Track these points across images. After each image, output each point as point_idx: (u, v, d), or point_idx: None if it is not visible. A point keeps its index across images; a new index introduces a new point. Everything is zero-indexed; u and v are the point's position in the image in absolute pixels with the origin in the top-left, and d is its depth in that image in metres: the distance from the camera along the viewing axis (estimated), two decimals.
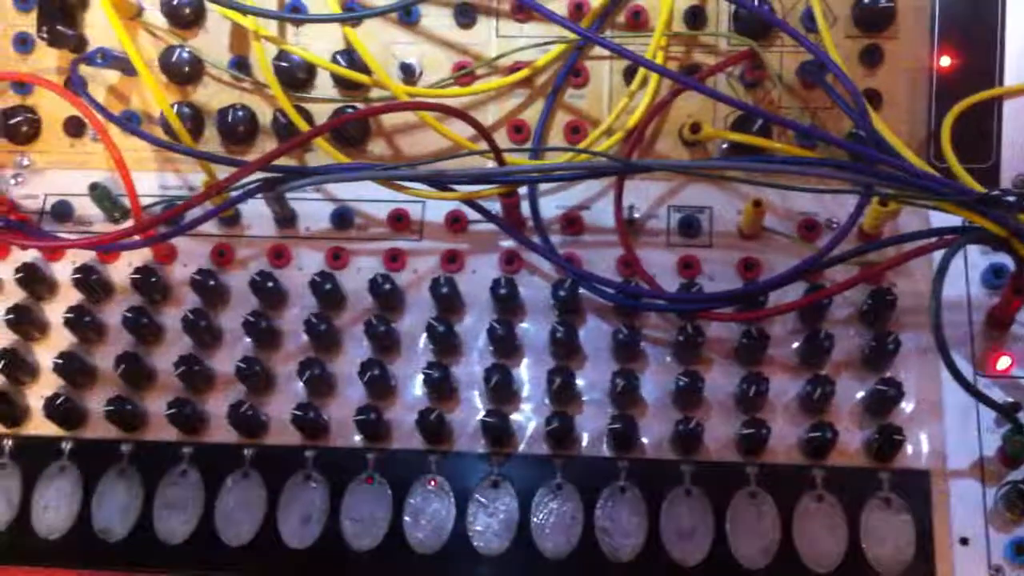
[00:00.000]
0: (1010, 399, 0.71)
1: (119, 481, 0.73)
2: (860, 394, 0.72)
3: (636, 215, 0.77)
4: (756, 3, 0.77)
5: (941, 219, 0.73)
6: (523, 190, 0.77)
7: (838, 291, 0.70)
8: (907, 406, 0.72)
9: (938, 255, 0.68)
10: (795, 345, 0.73)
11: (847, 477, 0.70)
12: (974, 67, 0.78)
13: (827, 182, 0.72)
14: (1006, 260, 0.71)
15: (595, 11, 0.80)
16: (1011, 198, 0.66)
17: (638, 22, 0.80)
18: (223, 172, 0.77)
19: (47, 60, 0.84)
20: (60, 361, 0.74)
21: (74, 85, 0.80)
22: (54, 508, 0.73)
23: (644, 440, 0.72)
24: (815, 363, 0.72)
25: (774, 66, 0.79)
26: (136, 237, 0.73)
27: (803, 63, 0.78)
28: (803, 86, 0.79)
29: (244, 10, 0.78)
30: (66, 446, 0.75)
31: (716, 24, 0.80)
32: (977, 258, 0.75)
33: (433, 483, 0.71)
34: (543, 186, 0.79)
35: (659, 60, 0.79)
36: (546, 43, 0.81)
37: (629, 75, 0.80)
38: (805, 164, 0.72)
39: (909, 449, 0.71)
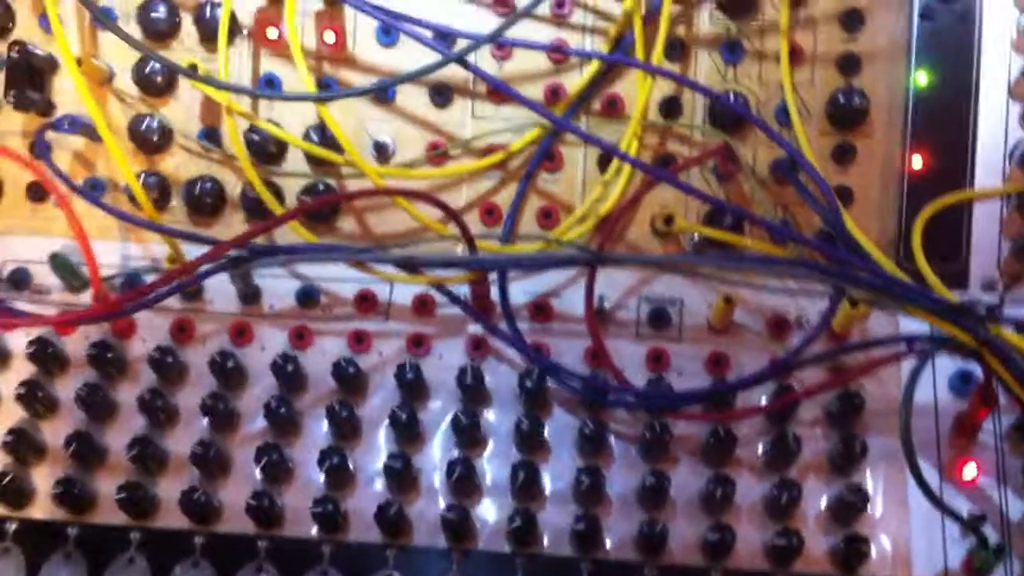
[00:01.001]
0: (976, 509, 0.70)
1: (64, 567, 0.71)
2: (826, 498, 0.71)
3: (606, 305, 0.77)
4: (731, 98, 0.77)
5: (911, 320, 0.73)
6: (493, 274, 0.76)
7: (808, 395, 0.69)
8: (874, 511, 0.71)
9: (908, 363, 0.68)
10: (761, 446, 0.73)
11: None
12: (945, 168, 0.78)
13: (801, 282, 0.71)
14: (974, 367, 0.71)
15: (571, 97, 0.80)
16: (982, 310, 0.66)
17: (614, 109, 0.80)
18: (187, 245, 0.76)
19: (13, 122, 0.82)
20: (9, 438, 0.72)
21: (38, 151, 0.78)
22: None
23: (608, 540, 0.71)
24: (782, 465, 0.72)
25: (747, 160, 0.79)
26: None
27: (776, 159, 0.78)
28: (776, 181, 0.79)
29: (217, 85, 0.77)
30: (10, 527, 0.72)
31: (691, 115, 0.80)
32: (946, 362, 0.74)
33: None
34: (512, 272, 0.78)
35: (633, 149, 0.78)
36: (521, 126, 0.80)
37: (603, 162, 0.80)
38: (777, 263, 0.71)
39: (874, 557, 0.70)
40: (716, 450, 0.71)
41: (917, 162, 0.78)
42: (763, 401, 0.72)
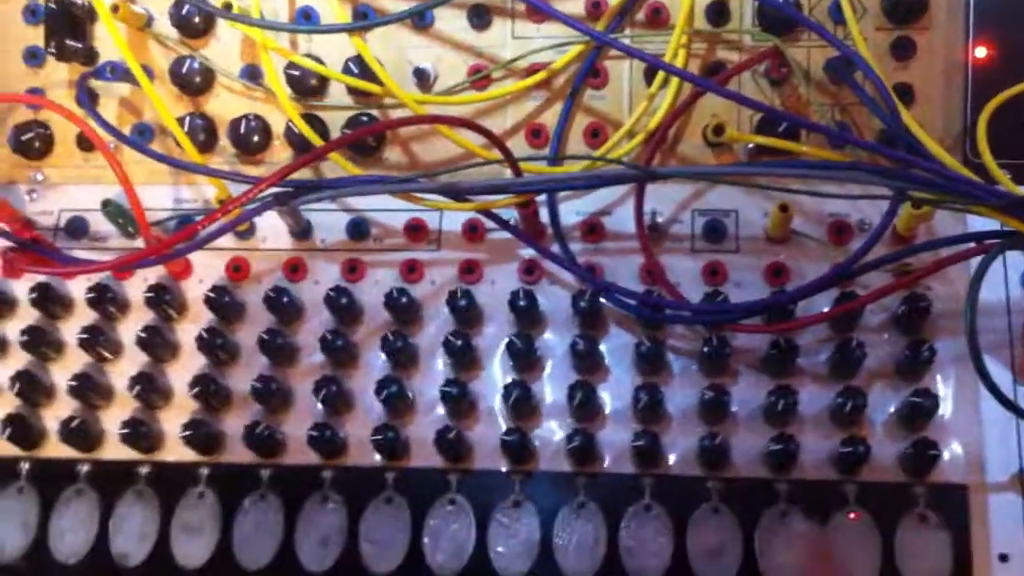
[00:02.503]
0: None
1: (136, 504, 0.73)
2: (893, 405, 0.69)
3: (659, 220, 0.75)
4: None
5: (978, 220, 0.70)
6: (542, 196, 0.75)
7: (872, 300, 0.67)
8: (943, 417, 0.69)
9: (975, 260, 0.65)
10: (825, 355, 0.71)
11: (881, 493, 0.68)
12: (1011, 58, 0.74)
13: (861, 186, 0.69)
14: None
15: (612, 10, 0.77)
16: None
17: (658, 19, 0.78)
18: (235, 185, 0.76)
19: (58, 73, 0.83)
20: (75, 383, 0.73)
21: (82, 100, 0.79)
22: (71, 532, 0.72)
23: (669, 456, 0.70)
24: (846, 374, 0.70)
25: (800, 62, 0.76)
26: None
27: (830, 59, 0.75)
28: (831, 82, 0.76)
29: (253, 23, 0.76)
30: (82, 469, 0.74)
31: (739, 20, 0.77)
32: (1018, 259, 0.71)
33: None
34: (562, 192, 0.77)
35: (680, 59, 0.76)
36: (563, 44, 0.78)
37: (650, 75, 0.78)
38: (833, 169, 0.68)
39: (945, 462, 0.68)
40: (777, 361, 0.69)
41: (981, 53, 0.74)
42: (825, 309, 0.70)
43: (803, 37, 0.77)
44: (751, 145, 0.76)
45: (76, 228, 0.80)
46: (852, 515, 0.68)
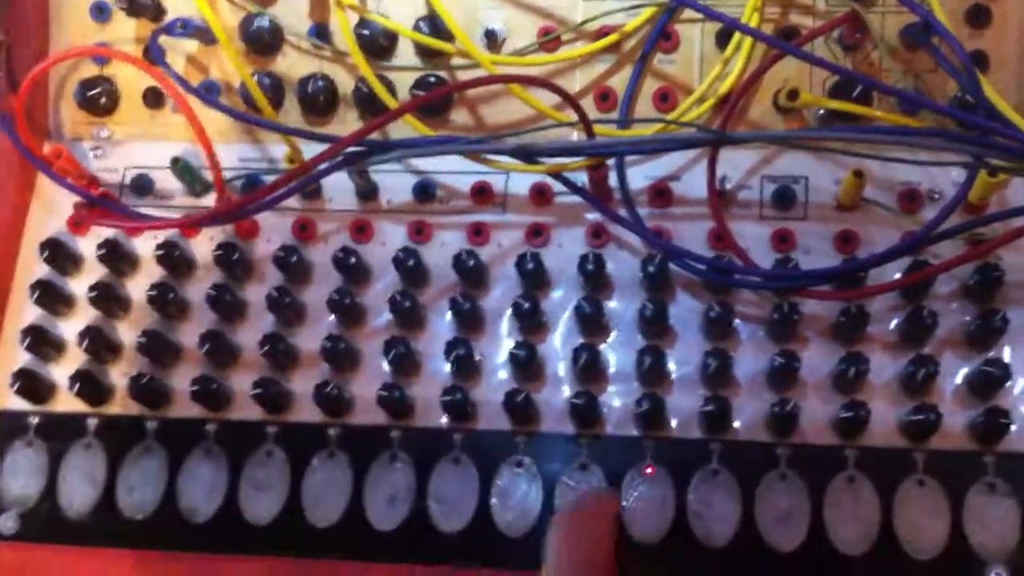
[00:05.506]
0: None
1: (205, 461, 0.73)
2: (964, 373, 0.69)
3: (728, 186, 0.75)
4: None
5: None
6: (610, 160, 0.75)
7: (945, 269, 0.67)
8: (1014, 386, 0.69)
9: None
10: (895, 322, 0.70)
11: (950, 461, 0.67)
12: None
13: (934, 152, 0.68)
14: None
15: None
16: None
17: None
18: (305, 144, 0.76)
19: (125, 29, 0.83)
20: (144, 340, 0.74)
21: (153, 56, 0.79)
22: (139, 488, 0.73)
23: (737, 422, 0.70)
24: (917, 342, 0.69)
25: (876, 27, 0.75)
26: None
27: (907, 25, 0.74)
28: (906, 48, 0.75)
29: None
30: (151, 426, 0.75)
31: None
32: None
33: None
34: (630, 156, 0.76)
35: (754, 22, 0.75)
36: (635, 6, 0.78)
37: (722, 39, 0.77)
38: (912, 134, 0.68)
39: (1015, 432, 0.67)
40: (848, 328, 0.69)
41: None
42: (896, 277, 0.70)
43: (878, 2, 0.76)
44: (821, 111, 0.76)
45: (142, 185, 0.80)
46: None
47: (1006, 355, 0.69)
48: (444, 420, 0.72)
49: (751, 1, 0.74)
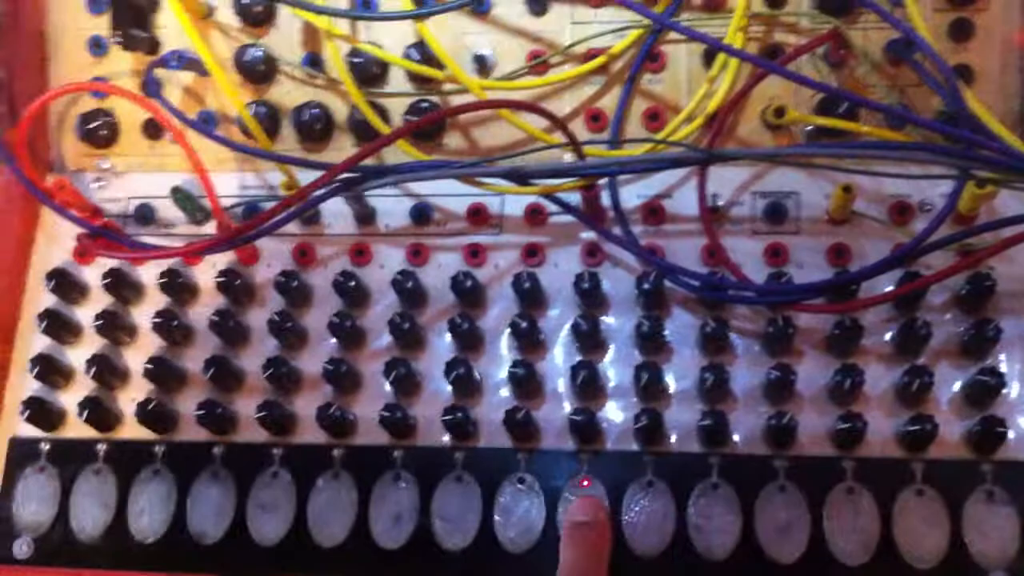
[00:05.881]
0: None
1: (212, 484, 0.74)
2: (959, 383, 0.70)
3: (719, 203, 0.76)
4: None
5: None
6: (603, 180, 0.76)
7: (937, 280, 0.67)
8: (1009, 395, 0.70)
9: None
10: (889, 334, 0.71)
11: (948, 470, 0.68)
12: None
13: (922, 166, 0.69)
14: None
15: None
16: None
17: (716, 2, 0.78)
18: (301, 172, 0.78)
19: (121, 63, 0.85)
20: (151, 366, 0.75)
21: (149, 89, 0.80)
22: (149, 512, 0.74)
23: (735, 435, 0.71)
24: (911, 352, 0.70)
25: (859, 44, 0.76)
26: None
27: (890, 41, 0.75)
28: (890, 63, 0.77)
29: (315, 10, 0.77)
30: (159, 450, 0.76)
31: (798, 2, 0.78)
32: None
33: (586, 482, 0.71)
34: (623, 176, 0.77)
35: (738, 42, 0.76)
36: (621, 28, 0.79)
37: (708, 58, 0.78)
38: (898, 149, 0.69)
39: (1012, 440, 0.68)
40: (842, 341, 0.70)
41: None
42: (888, 289, 0.71)
43: (861, 19, 0.77)
44: (810, 127, 0.77)
45: (144, 215, 0.82)
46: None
47: (1001, 364, 0.70)
48: (446, 439, 0.73)
49: (735, 21, 0.75)
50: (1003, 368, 0.69)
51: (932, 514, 0.68)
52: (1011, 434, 0.68)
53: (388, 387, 0.74)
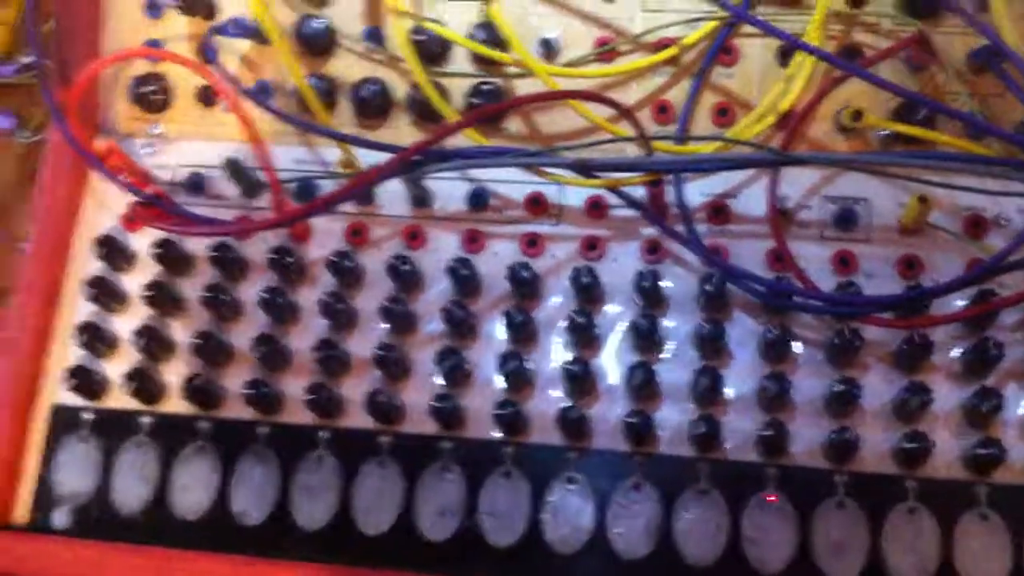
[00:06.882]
0: None
1: (257, 464, 0.73)
2: None
3: (787, 205, 0.74)
4: None
5: None
6: (668, 175, 0.74)
7: (1014, 303, 0.65)
8: None
9: None
10: (957, 351, 0.69)
11: (1013, 495, 0.66)
12: None
13: (1001, 181, 0.67)
14: None
15: None
16: None
17: None
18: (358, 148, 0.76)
19: (178, 26, 0.82)
20: (199, 340, 0.74)
21: (206, 55, 0.78)
22: (192, 489, 0.73)
23: (793, 446, 0.69)
24: (981, 372, 0.68)
25: (941, 48, 0.74)
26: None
27: (975, 49, 0.73)
28: (972, 71, 0.74)
29: None
30: (203, 426, 0.74)
31: (880, 1, 0.75)
32: None
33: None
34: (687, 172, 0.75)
35: (817, 40, 0.74)
36: (695, 19, 0.77)
37: (783, 56, 0.76)
38: (980, 162, 0.67)
39: None
40: (910, 356, 0.68)
41: None
42: (962, 304, 0.69)
43: (945, 23, 0.75)
44: (884, 132, 0.75)
45: (195, 184, 0.80)
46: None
47: None
48: (495, 432, 0.72)
49: (816, 18, 0.73)
50: None
51: (995, 540, 0.66)
52: None
53: (439, 376, 0.72)
